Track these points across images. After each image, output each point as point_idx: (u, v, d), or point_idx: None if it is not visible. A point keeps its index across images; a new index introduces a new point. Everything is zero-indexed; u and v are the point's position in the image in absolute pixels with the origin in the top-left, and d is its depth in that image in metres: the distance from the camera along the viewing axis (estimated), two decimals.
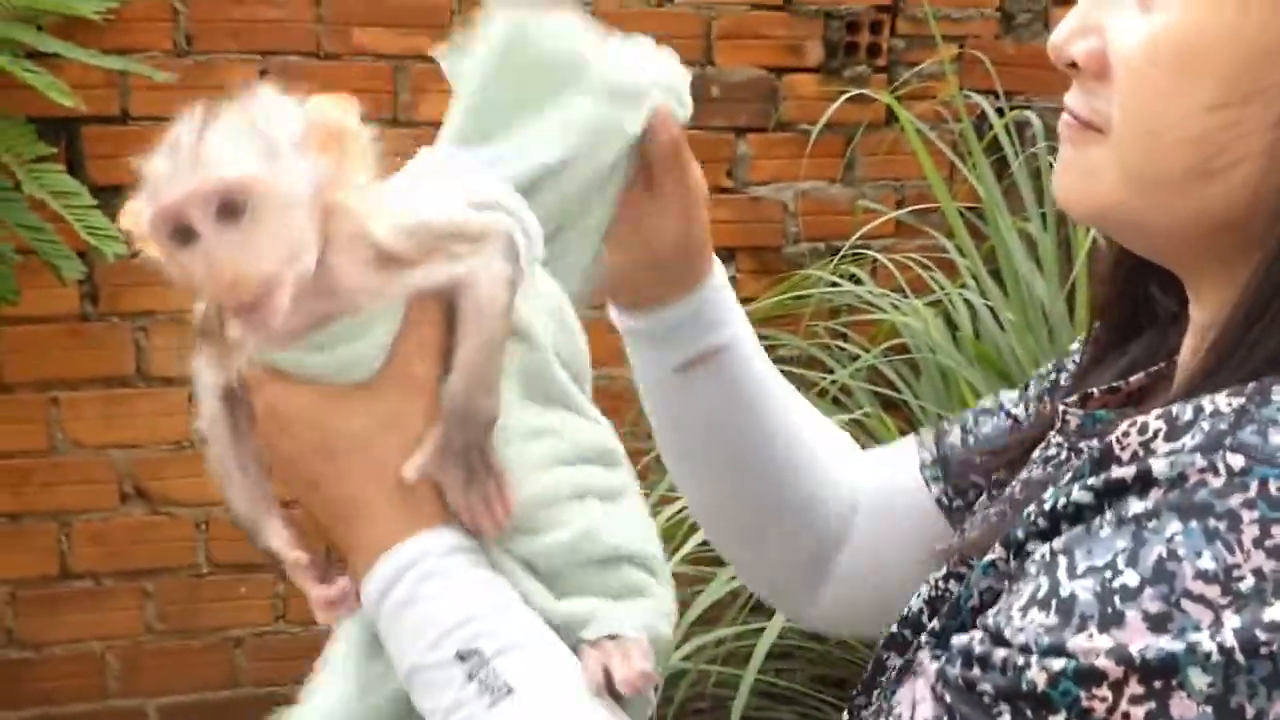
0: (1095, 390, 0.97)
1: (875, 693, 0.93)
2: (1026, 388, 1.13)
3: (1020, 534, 0.78)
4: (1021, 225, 2.93)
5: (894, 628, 0.95)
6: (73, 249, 2.48)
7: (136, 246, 0.87)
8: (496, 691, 0.79)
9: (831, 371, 2.97)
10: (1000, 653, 0.72)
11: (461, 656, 0.80)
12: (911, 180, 3.34)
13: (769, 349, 1.13)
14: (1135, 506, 0.72)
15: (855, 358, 2.98)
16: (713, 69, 3.23)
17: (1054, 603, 0.72)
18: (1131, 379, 0.97)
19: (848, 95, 3.17)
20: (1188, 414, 0.75)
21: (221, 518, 3.05)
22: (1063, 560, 0.73)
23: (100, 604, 3.02)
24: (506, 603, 0.84)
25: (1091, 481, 0.75)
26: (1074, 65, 0.84)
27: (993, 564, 0.81)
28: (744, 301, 1.12)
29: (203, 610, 3.08)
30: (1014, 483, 0.98)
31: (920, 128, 3.04)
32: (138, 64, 2.71)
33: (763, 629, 2.49)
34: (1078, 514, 0.75)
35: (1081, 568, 0.72)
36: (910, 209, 3.23)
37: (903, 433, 2.22)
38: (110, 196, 2.73)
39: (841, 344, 3.05)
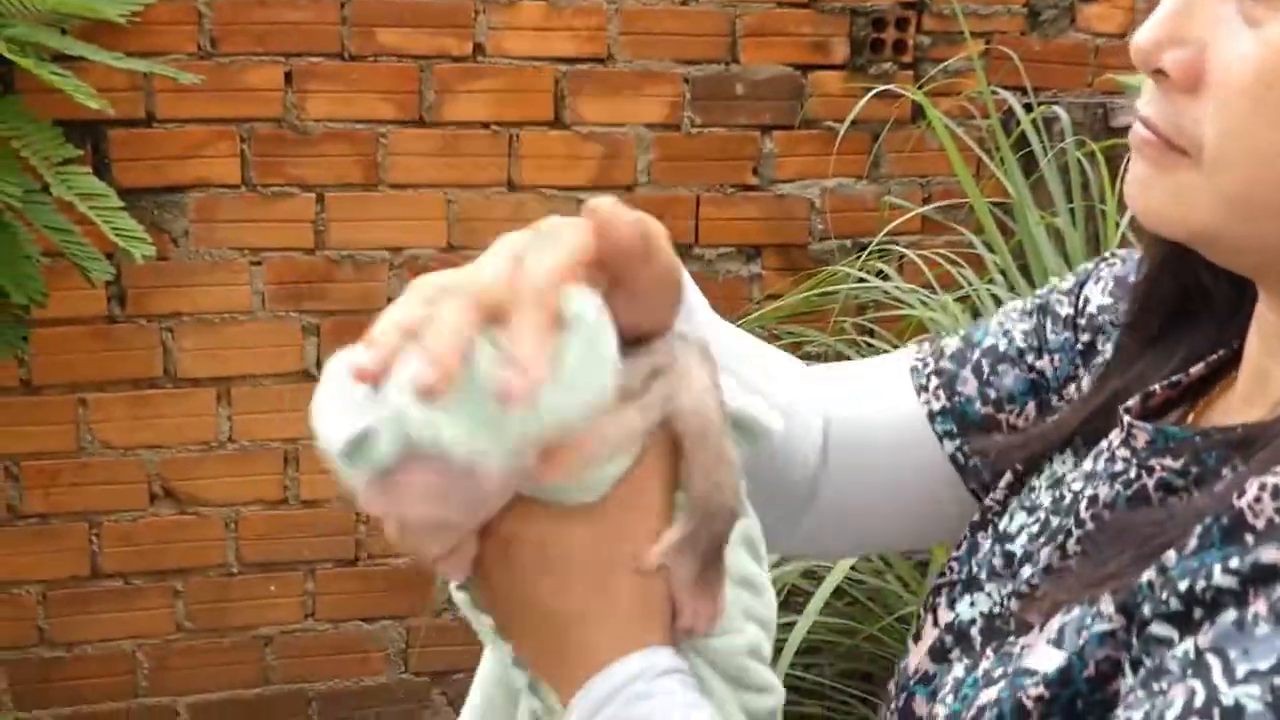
0: (1156, 387, 0.92)
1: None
2: (1031, 315, 1.06)
3: (1147, 611, 0.73)
4: (1049, 220, 2.91)
5: (936, 635, 0.92)
6: (100, 251, 2.49)
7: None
8: None
9: None
10: None
11: None
12: (938, 177, 3.33)
13: (796, 346, 1.12)
14: None
15: (883, 354, 2.97)
16: (738, 67, 3.23)
17: (1216, 712, 0.66)
18: (1192, 370, 0.93)
19: (874, 92, 3.16)
20: None
21: (250, 517, 3.06)
22: (1215, 662, 0.68)
23: (130, 603, 3.04)
24: None
25: (1234, 564, 0.69)
26: (1159, 72, 0.78)
27: (1111, 634, 0.76)
28: (770, 299, 1.11)
29: (232, 609, 3.09)
30: (1068, 491, 0.93)
31: (947, 124, 3.02)
32: (162, 66, 2.72)
33: (792, 624, 2.49)
34: (1217, 600, 0.69)
35: (1241, 672, 0.66)
36: (937, 204, 3.22)
37: None
38: (136, 199, 2.75)
39: (869, 340, 3.04)
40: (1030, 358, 1.05)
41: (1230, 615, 0.68)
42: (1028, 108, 3.09)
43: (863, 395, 1.10)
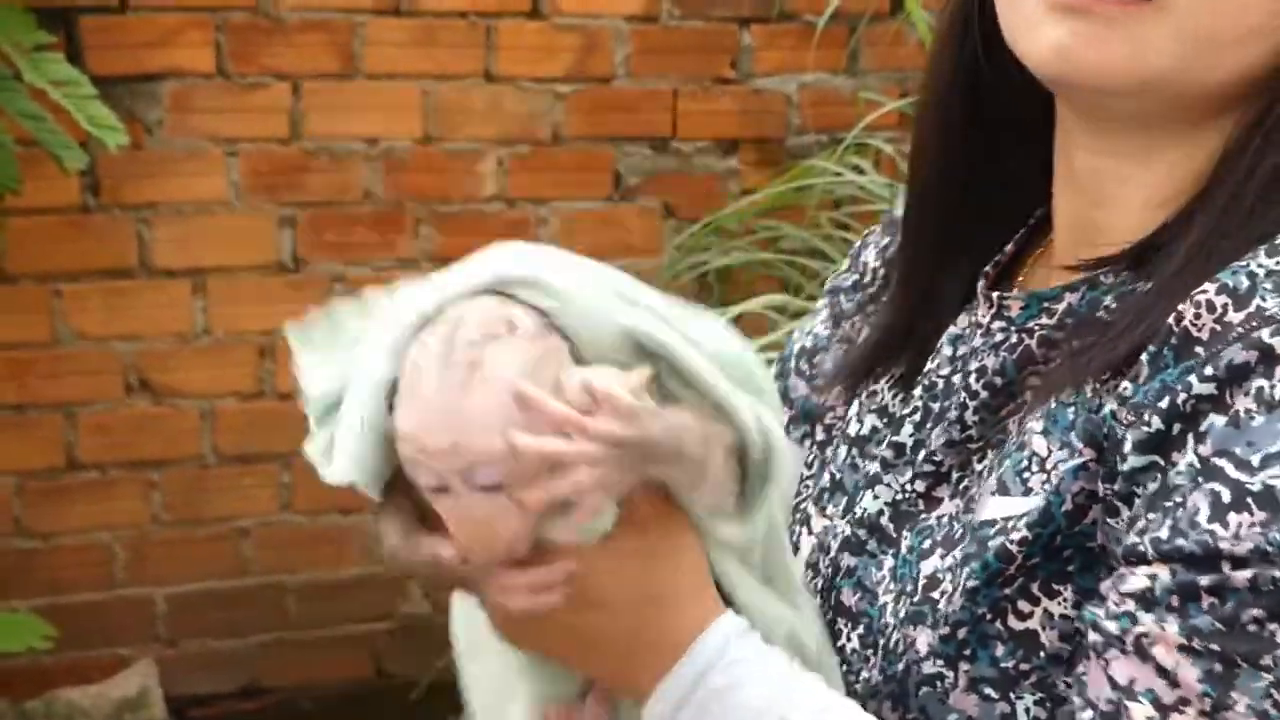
0: (989, 268, 0.99)
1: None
2: (824, 306, 1.15)
3: (1124, 441, 0.79)
4: None
5: (844, 527, 0.98)
6: (74, 139, 2.47)
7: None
8: None
9: (834, 261, 2.96)
10: (1240, 575, 0.72)
11: None
12: (916, 71, 3.31)
13: (772, 240, 1.14)
14: (1274, 386, 0.74)
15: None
16: None
17: (1251, 501, 0.73)
18: (1007, 248, 1.01)
19: None
20: (1243, 281, 0.77)
21: (226, 409, 3.06)
22: (1225, 462, 0.74)
23: (107, 494, 3.04)
24: (797, 677, 0.84)
25: (1209, 371, 0.75)
26: None
27: (1083, 466, 0.82)
28: (747, 193, 1.13)
29: (209, 500, 3.10)
30: (936, 378, 0.98)
31: (926, 17, 3.00)
32: None
33: None
34: (1197, 409, 0.76)
35: (1256, 460, 0.73)
36: (914, 99, 3.20)
37: None
38: (110, 87, 2.72)
39: (845, 234, 3.04)
40: (837, 335, 1.12)
41: (1218, 420, 0.75)
42: None
43: None
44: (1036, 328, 0.92)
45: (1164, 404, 0.77)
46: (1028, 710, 0.83)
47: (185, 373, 3.03)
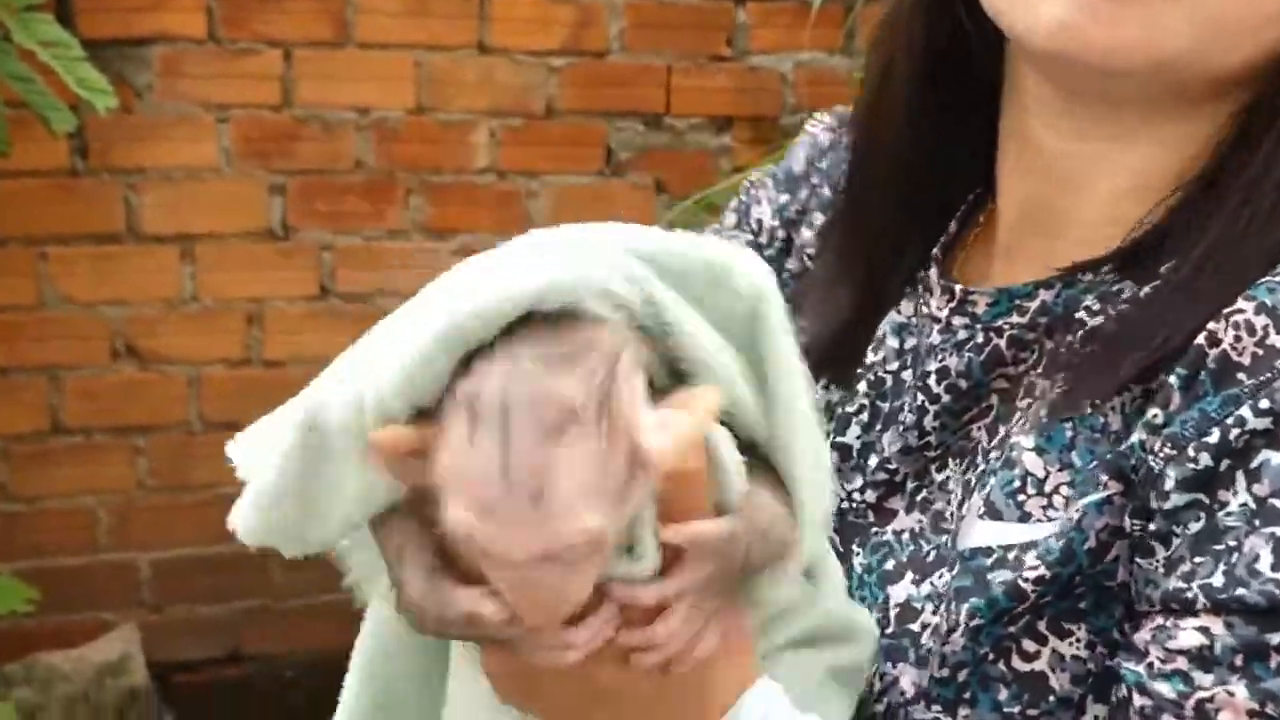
0: (937, 250, 0.94)
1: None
2: None
3: (1164, 470, 0.73)
4: None
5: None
6: (63, 102, 2.45)
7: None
8: None
9: None
10: None
11: None
12: None
13: None
14: None
15: None
16: None
17: None
18: (951, 228, 0.95)
19: None
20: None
21: (213, 375, 3.05)
22: None
23: (92, 459, 3.03)
24: None
25: (1264, 405, 0.70)
26: None
27: (1108, 500, 0.76)
28: (738, 170, 1.11)
29: (194, 467, 3.09)
30: (883, 374, 0.92)
31: None
32: None
33: None
34: (1250, 445, 0.70)
35: None
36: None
37: None
38: (100, 50, 2.70)
39: None
40: None
41: (1274, 457, 0.69)
42: None
43: None
44: (1006, 326, 0.86)
45: (1211, 438, 0.71)
46: None
47: (172, 339, 3.02)
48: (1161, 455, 0.73)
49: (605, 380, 0.63)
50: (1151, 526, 0.74)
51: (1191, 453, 0.72)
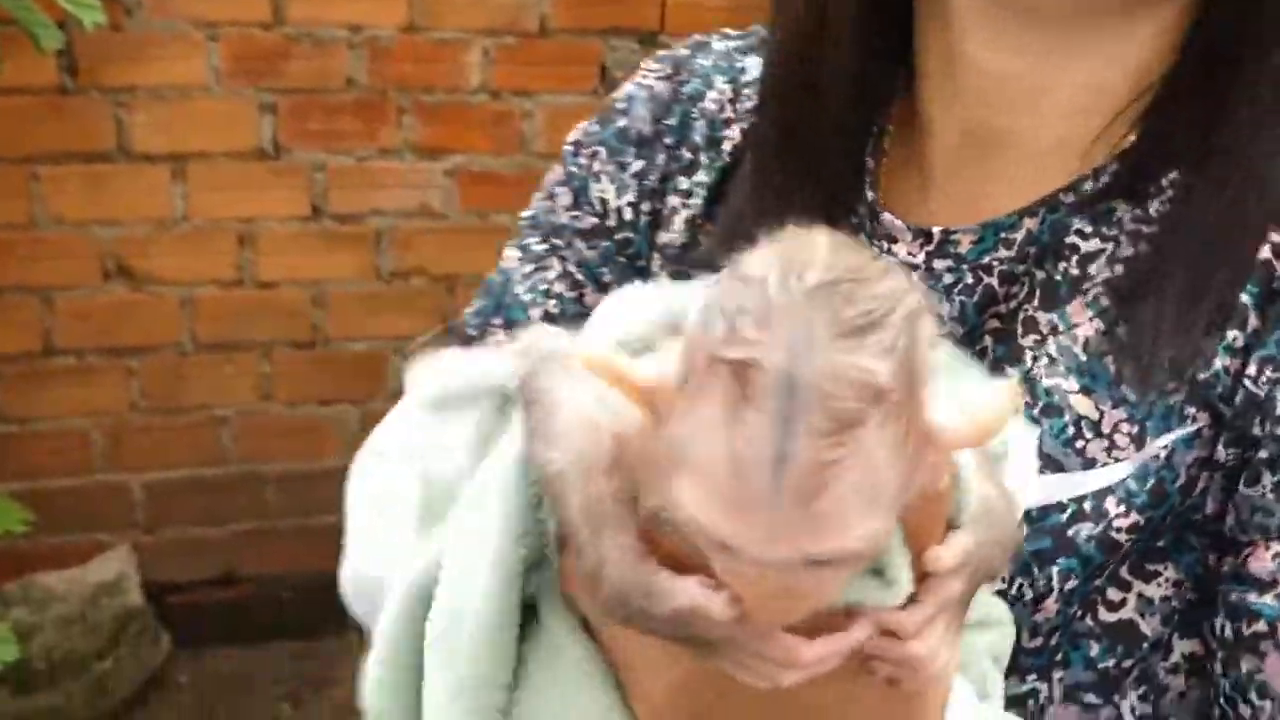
0: (873, 194, 0.85)
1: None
2: (546, 266, 0.93)
3: (1273, 394, 0.70)
4: None
5: None
6: (51, 19, 2.42)
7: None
8: None
9: None
10: None
11: None
12: None
13: None
14: None
15: None
16: None
17: None
18: (882, 156, 0.87)
19: None
20: None
21: (205, 296, 3.04)
22: None
23: (85, 380, 3.03)
24: None
25: None
26: None
27: (1197, 433, 0.72)
28: None
29: (187, 388, 3.09)
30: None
31: None
32: None
33: None
34: None
35: None
36: None
37: None
38: None
39: None
40: (588, 290, 0.93)
41: None
42: None
43: None
44: (995, 263, 0.80)
45: None
46: (1133, 709, 0.76)
47: (164, 259, 3.00)
48: (1265, 380, 0.70)
49: (909, 350, 0.51)
50: (1263, 454, 0.70)
51: (1228, 369, 0.70)
